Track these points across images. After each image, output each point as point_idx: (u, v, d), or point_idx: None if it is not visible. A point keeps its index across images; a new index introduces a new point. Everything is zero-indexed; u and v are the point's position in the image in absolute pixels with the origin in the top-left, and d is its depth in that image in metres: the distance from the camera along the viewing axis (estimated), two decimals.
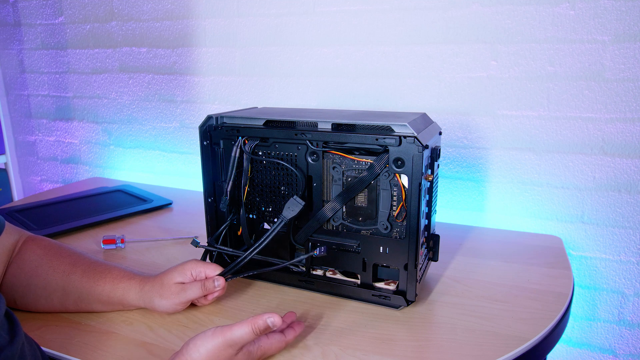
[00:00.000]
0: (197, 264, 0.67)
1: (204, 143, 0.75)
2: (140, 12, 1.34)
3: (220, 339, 0.50)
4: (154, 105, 1.39)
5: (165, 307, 0.65)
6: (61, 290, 0.65)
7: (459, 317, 0.67)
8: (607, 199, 0.97)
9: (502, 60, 0.99)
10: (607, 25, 0.90)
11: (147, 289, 0.65)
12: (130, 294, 0.65)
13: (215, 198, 0.77)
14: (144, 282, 0.66)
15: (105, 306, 0.67)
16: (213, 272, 0.67)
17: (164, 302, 0.64)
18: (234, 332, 0.51)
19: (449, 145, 1.07)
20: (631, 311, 1.00)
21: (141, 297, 0.65)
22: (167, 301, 0.64)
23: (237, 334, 0.51)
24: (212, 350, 0.50)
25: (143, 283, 0.66)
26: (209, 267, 0.67)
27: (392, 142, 0.63)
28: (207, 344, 0.50)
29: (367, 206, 0.68)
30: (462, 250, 0.90)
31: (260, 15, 1.19)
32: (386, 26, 1.07)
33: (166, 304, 0.64)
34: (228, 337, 0.51)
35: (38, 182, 1.71)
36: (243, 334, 0.51)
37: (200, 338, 0.51)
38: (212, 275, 0.67)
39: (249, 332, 0.51)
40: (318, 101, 1.18)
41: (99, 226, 1.02)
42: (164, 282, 0.65)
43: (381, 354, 0.59)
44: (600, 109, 0.94)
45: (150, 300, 0.65)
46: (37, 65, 1.56)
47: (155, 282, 0.65)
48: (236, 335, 0.51)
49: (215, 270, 0.67)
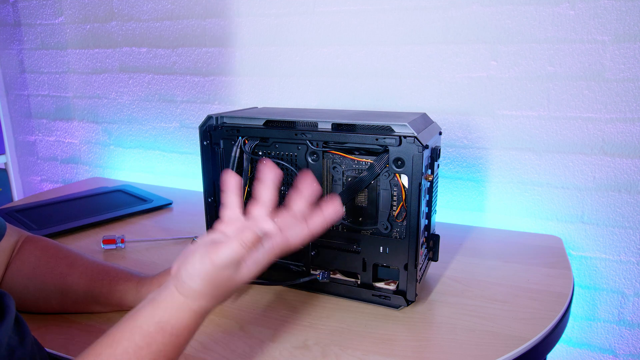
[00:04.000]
0: None
1: (204, 143, 0.75)
2: (140, 12, 1.34)
3: (208, 264, 0.44)
4: (154, 105, 1.39)
5: None
6: (59, 293, 0.65)
7: (459, 317, 0.67)
8: (607, 199, 0.97)
9: (502, 60, 0.99)
10: (607, 25, 0.90)
11: (144, 290, 0.65)
12: (128, 297, 0.65)
13: (215, 198, 0.77)
14: (141, 283, 0.66)
15: (104, 307, 0.67)
16: None
17: None
18: (221, 254, 0.44)
19: (449, 145, 1.07)
20: (631, 311, 1.00)
21: (139, 299, 0.65)
22: None
23: (225, 255, 0.44)
24: (207, 276, 0.45)
25: (140, 285, 0.65)
26: None
27: (392, 142, 0.63)
28: (199, 271, 0.44)
29: (367, 206, 0.68)
30: (462, 250, 0.90)
31: (260, 15, 1.19)
32: (386, 26, 1.07)
33: None
34: (216, 261, 0.44)
35: (38, 182, 1.71)
36: (231, 252, 0.44)
37: (191, 265, 0.45)
38: None
39: (237, 249, 0.44)
40: (318, 101, 1.18)
41: (99, 226, 1.02)
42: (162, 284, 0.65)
43: (381, 354, 0.59)
44: (600, 109, 0.94)
45: None
46: (37, 65, 1.56)
47: (153, 284, 0.65)
48: (224, 256, 0.44)
49: None
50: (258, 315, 0.67)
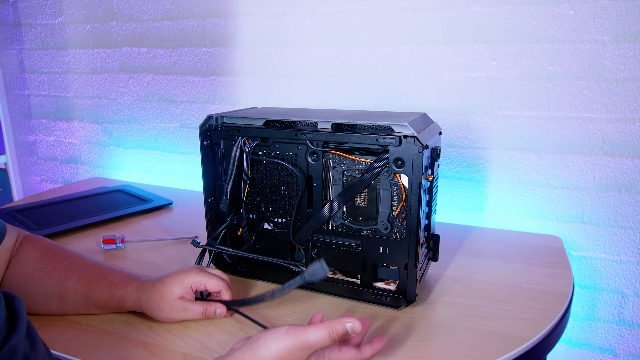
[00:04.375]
0: (198, 275, 0.65)
1: (204, 143, 0.75)
2: (140, 12, 1.34)
3: (294, 339, 0.47)
4: (154, 105, 1.39)
5: (163, 319, 0.64)
6: (58, 297, 0.64)
7: (459, 317, 0.67)
8: (607, 199, 0.97)
9: (502, 60, 0.99)
10: (607, 25, 0.90)
11: (144, 297, 0.64)
12: (128, 302, 0.65)
13: (215, 198, 0.77)
14: (142, 289, 0.64)
15: (103, 310, 0.66)
16: (214, 285, 0.65)
17: (162, 315, 0.64)
18: (309, 335, 0.47)
19: (449, 145, 1.07)
20: (631, 311, 1.00)
21: (139, 305, 0.64)
22: (166, 315, 0.64)
23: (312, 338, 0.47)
24: (283, 350, 0.47)
25: (141, 291, 0.64)
26: (210, 280, 0.65)
27: (392, 142, 0.63)
28: (279, 343, 0.47)
29: (367, 206, 0.68)
30: (462, 250, 0.90)
31: (260, 15, 1.19)
32: (386, 26, 1.07)
33: (165, 317, 0.64)
34: (302, 339, 0.47)
35: (38, 182, 1.71)
36: (319, 337, 0.47)
37: (272, 334, 0.48)
38: (213, 289, 0.65)
39: (326, 337, 0.47)
40: (318, 101, 1.18)
41: (99, 226, 1.02)
42: (163, 295, 0.63)
43: (381, 354, 0.59)
44: (600, 109, 0.94)
45: (148, 309, 0.64)
46: (37, 65, 1.56)
47: (153, 293, 0.64)
48: (311, 339, 0.47)
49: (217, 283, 0.65)
50: (258, 316, 0.67)
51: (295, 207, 0.71)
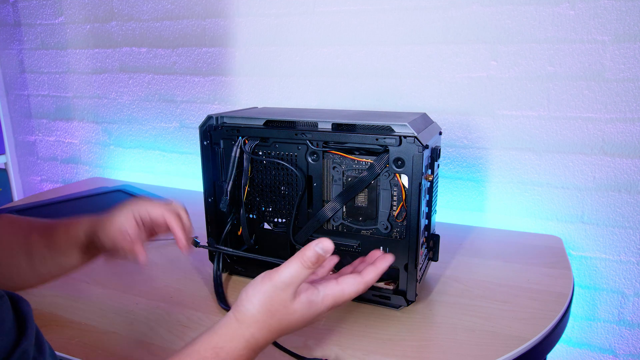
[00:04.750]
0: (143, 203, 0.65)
1: (204, 143, 0.75)
2: (140, 12, 1.34)
3: (270, 284, 0.45)
4: (154, 105, 1.39)
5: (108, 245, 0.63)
6: (25, 255, 0.63)
7: (459, 317, 0.67)
8: (607, 199, 0.97)
9: (502, 60, 0.99)
10: (607, 25, 0.90)
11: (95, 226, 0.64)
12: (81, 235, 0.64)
13: (215, 198, 0.77)
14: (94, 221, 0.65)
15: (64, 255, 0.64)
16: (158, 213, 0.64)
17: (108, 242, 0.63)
18: (282, 274, 0.45)
19: (449, 145, 1.07)
20: (631, 311, 1.00)
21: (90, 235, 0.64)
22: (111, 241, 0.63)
23: (287, 274, 0.45)
24: (265, 297, 0.45)
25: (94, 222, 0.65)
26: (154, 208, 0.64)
27: (392, 142, 0.63)
28: (258, 292, 0.46)
29: (367, 206, 0.68)
30: (462, 250, 0.90)
31: (260, 15, 1.19)
32: (386, 26, 1.07)
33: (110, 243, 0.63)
34: (277, 280, 0.45)
35: (38, 182, 1.71)
36: (293, 272, 0.45)
37: (251, 287, 0.47)
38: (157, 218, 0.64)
39: (299, 268, 0.45)
40: (318, 101, 1.18)
41: None
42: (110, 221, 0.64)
43: (381, 354, 0.59)
44: (600, 109, 0.94)
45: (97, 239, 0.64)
46: (37, 65, 1.56)
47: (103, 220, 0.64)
48: (286, 276, 0.45)
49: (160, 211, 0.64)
50: None
51: (295, 207, 0.71)
